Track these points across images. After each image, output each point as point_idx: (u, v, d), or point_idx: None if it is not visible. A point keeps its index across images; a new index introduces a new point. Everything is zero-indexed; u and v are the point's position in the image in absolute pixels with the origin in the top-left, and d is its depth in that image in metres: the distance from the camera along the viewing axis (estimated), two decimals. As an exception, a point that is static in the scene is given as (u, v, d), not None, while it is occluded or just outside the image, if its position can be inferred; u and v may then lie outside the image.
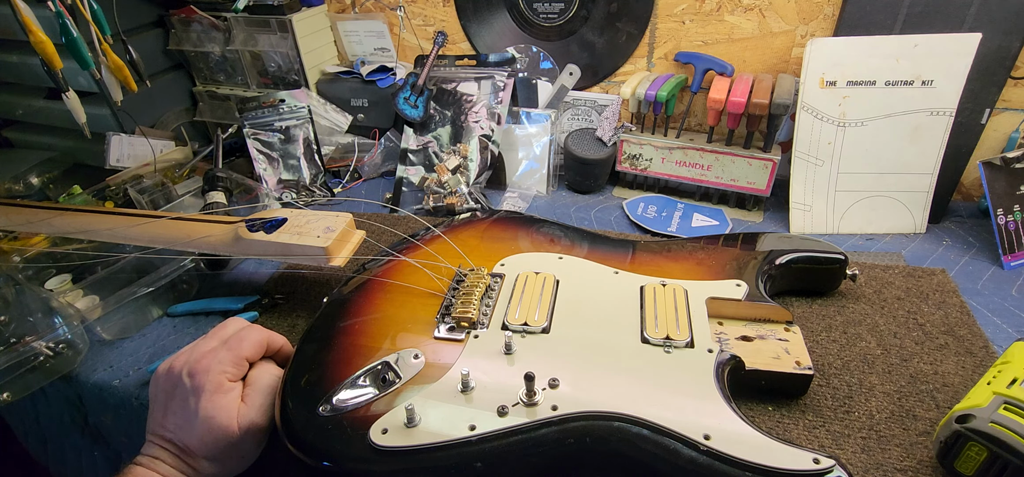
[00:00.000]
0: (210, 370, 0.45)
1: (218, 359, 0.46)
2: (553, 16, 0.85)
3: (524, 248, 0.61)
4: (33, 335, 0.58)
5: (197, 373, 0.45)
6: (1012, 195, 0.66)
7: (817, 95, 0.69)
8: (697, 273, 0.56)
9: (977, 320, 0.56)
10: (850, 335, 0.55)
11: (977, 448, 0.39)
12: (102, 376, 0.58)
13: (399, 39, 0.96)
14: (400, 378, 0.45)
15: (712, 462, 0.37)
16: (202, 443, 0.43)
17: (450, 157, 0.82)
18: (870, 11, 0.68)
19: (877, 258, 0.67)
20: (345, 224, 0.58)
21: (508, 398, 0.42)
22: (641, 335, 0.48)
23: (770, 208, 0.79)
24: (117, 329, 0.62)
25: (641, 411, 0.41)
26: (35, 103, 0.91)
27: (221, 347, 0.47)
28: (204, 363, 0.45)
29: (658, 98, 0.75)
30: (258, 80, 0.97)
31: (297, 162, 0.88)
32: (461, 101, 0.85)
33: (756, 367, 0.47)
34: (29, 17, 0.65)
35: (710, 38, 0.79)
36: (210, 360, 0.45)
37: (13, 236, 0.72)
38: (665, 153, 0.80)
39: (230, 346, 0.47)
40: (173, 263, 0.65)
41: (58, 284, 0.65)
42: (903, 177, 0.70)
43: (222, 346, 0.47)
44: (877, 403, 0.48)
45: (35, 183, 0.89)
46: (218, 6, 0.90)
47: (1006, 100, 0.71)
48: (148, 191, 0.81)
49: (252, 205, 0.83)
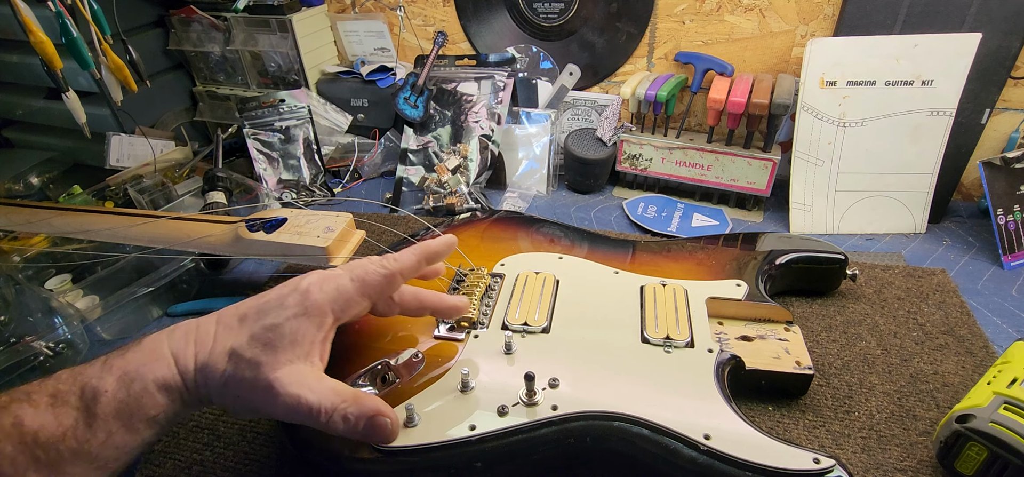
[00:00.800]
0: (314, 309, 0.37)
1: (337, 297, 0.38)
2: (553, 16, 0.85)
3: (524, 248, 0.61)
4: (33, 335, 0.58)
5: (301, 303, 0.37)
6: (1012, 195, 0.66)
7: (817, 95, 0.69)
8: (697, 273, 0.56)
9: (977, 320, 0.56)
10: (850, 335, 0.55)
11: (977, 448, 0.39)
12: (102, 376, 0.58)
13: (399, 39, 0.96)
14: (400, 378, 0.45)
15: (712, 462, 0.37)
16: (238, 402, 0.36)
17: (450, 157, 0.82)
18: (870, 11, 0.68)
19: (877, 258, 0.67)
20: (345, 224, 0.58)
21: (508, 398, 0.42)
22: (641, 335, 0.48)
23: (770, 208, 0.79)
24: (117, 329, 0.62)
25: (641, 411, 0.41)
26: (35, 103, 0.91)
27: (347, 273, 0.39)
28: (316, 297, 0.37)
29: (658, 98, 0.75)
30: (258, 80, 0.97)
31: (297, 162, 0.88)
32: (461, 101, 0.85)
33: (756, 367, 0.47)
34: (29, 17, 0.65)
35: (710, 38, 0.79)
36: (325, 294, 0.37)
37: (13, 236, 0.72)
38: (665, 153, 0.80)
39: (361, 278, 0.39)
40: (173, 263, 0.65)
41: (58, 284, 0.65)
42: (903, 177, 0.70)
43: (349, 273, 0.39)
44: (877, 403, 0.48)
45: (35, 183, 0.89)
46: (218, 6, 0.90)
47: (1006, 100, 0.71)
48: (148, 191, 0.81)
49: (252, 205, 0.83)
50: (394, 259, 0.41)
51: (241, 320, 0.37)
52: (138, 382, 0.34)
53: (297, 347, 0.36)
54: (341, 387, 0.36)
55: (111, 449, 0.33)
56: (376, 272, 0.40)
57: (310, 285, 0.38)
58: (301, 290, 0.37)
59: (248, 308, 0.37)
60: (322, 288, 0.38)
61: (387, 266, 0.40)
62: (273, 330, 0.36)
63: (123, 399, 0.33)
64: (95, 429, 0.32)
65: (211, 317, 0.38)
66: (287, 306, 0.37)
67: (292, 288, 0.38)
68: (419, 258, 0.42)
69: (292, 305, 0.37)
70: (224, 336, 0.36)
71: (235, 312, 0.37)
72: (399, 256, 0.41)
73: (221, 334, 0.36)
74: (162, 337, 0.36)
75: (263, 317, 0.36)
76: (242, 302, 0.38)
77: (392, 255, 0.41)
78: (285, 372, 0.35)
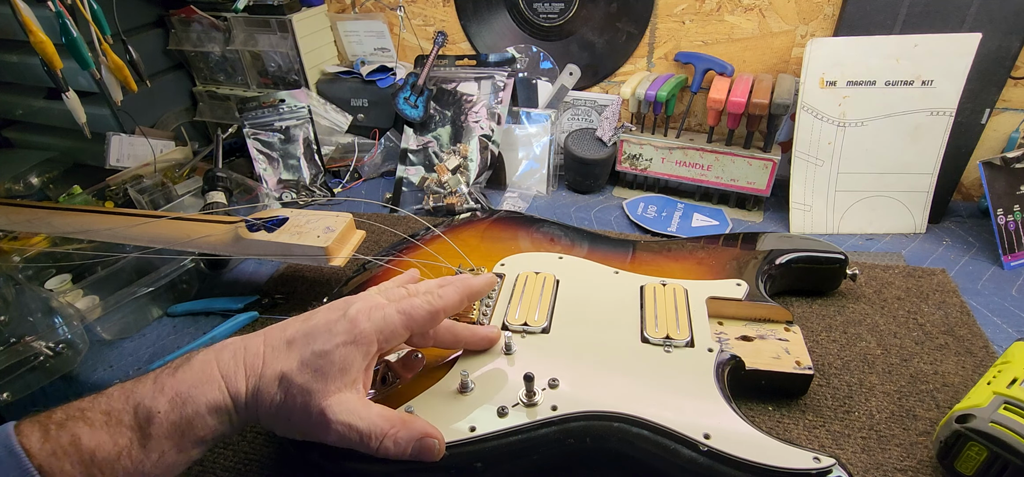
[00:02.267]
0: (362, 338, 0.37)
1: (384, 327, 0.38)
2: (553, 16, 0.85)
3: (524, 248, 0.61)
4: (33, 335, 0.58)
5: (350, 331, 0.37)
6: (1012, 195, 0.66)
7: (817, 95, 0.69)
8: (697, 273, 0.56)
9: (977, 320, 0.56)
10: (850, 335, 0.55)
11: (977, 448, 0.39)
12: (102, 376, 0.58)
13: (399, 39, 0.96)
14: (400, 378, 0.45)
15: (712, 462, 0.37)
16: (288, 427, 0.36)
17: (450, 157, 0.82)
18: (870, 11, 0.68)
19: (877, 258, 0.67)
20: (345, 224, 0.58)
21: (508, 398, 0.42)
22: (641, 335, 0.48)
23: (770, 208, 0.79)
24: (117, 329, 0.62)
25: (641, 411, 0.41)
26: (35, 103, 0.92)
27: (394, 306, 0.39)
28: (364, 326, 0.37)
29: (658, 98, 0.75)
30: (258, 80, 0.97)
31: (297, 162, 0.88)
32: (461, 101, 0.85)
33: (756, 367, 0.47)
34: (29, 17, 0.65)
35: (710, 38, 0.79)
36: (373, 324, 0.37)
37: (13, 236, 0.72)
38: (665, 153, 0.80)
39: (407, 312, 0.39)
40: (173, 263, 0.65)
41: (58, 284, 0.65)
42: (903, 177, 0.70)
43: (396, 306, 0.39)
44: (877, 403, 0.48)
45: (35, 183, 0.89)
46: (218, 6, 0.90)
47: (1006, 100, 0.71)
48: (148, 191, 0.81)
49: (252, 205, 0.82)
50: (439, 296, 0.41)
51: (289, 344, 0.37)
52: (190, 404, 0.34)
53: (346, 375, 0.36)
54: (388, 412, 0.37)
55: (162, 468, 0.33)
56: (422, 308, 0.40)
57: (358, 313, 0.38)
58: (349, 317, 0.37)
59: (296, 331, 0.37)
60: (370, 317, 0.38)
61: (433, 304, 0.40)
62: (323, 357, 0.36)
63: (175, 421, 0.33)
64: (149, 449, 0.33)
65: (258, 337, 0.38)
66: (335, 333, 0.37)
67: (339, 313, 0.38)
68: (462, 297, 0.42)
69: (341, 332, 0.37)
70: (273, 359, 0.36)
71: (282, 334, 0.38)
72: (444, 293, 0.41)
73: (270, 357, 0.36)
74: (211, 357, 0.36)
75: (312, 342, 0.36)
76: (288, 322, 0.39)
77: (437, 291, 0.41)
78: (336, 400, 0.35)
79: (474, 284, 0.44)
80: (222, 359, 0.36)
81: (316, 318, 0.38)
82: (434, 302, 0.40)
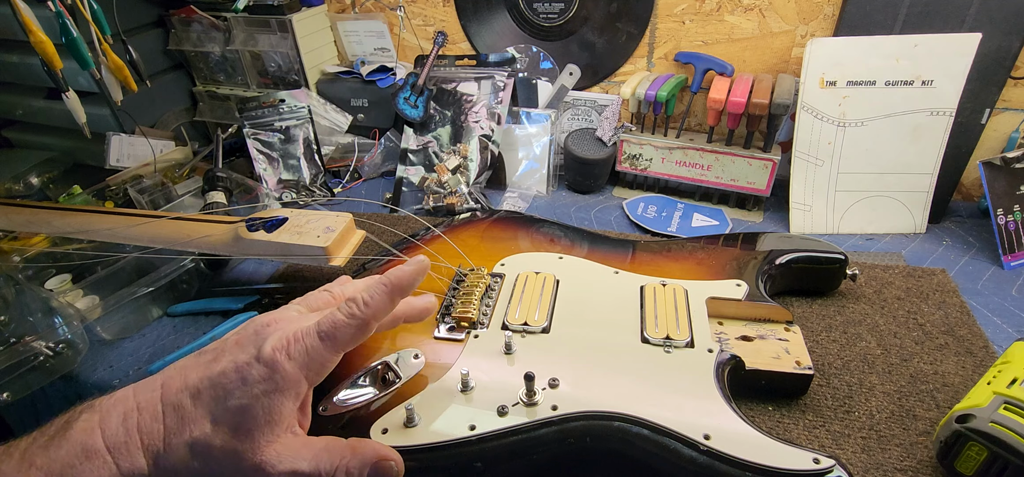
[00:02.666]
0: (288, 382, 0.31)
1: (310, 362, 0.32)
2: (553, 16, 0.85)
3: (524, 248, 0.61)
4: (33, 335, 0.58)
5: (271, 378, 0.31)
6: (1012, 195, 0.66)
7: (817, 95, 0.69)
8: (697, 273, 0.56)
9: (977, 320, 0.56)
10: (850, 335, 0.55)
11: (977, 448, 0.39)
12: (102, 376, 0.58)
13: (399, 39, 0.96)
14: (400, 378, 0.45)
15: (712, 462, 0.37)
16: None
17: (450, 157, 0.82)
18: (870, 11, 0.68)
19: (877, 258, 0.67)
20: (345, 224, 0.58)
21: (508, 398, 0.42)
22: (641, 335, 0.48)
23: (770, 208, 0.79)
24: (117, 329, 0.62)
25: (641, 411, 0.41)
26: (35, 103, 0.92)
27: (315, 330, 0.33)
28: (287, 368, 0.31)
29: (658, 98, 0.75)
30: (258, 80, 0.97)
31: (297, 162, 0.88)
32: (461, 101, 0.85)
33: (756, 367, 0.47)
34: (29, 17, 0.65)
35: (710, 38, 0.79)
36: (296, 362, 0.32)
37: (13, 236, 0.72)
38: (665, 153, 0.80)
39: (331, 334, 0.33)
40: (173, 263, 0.65)
41: (58, 284, 0.65)
42: (903, 177, 0.70)
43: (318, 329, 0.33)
44: (877, 403, 0.48)
45: (35, 183, 0.89)
46: (218, 6, 0.90)
47: (1006, 100, 0.71)
48: (148, 191, 0.81)
49: (252, 205, 0.83)
50: (364, 303, 0.34)
51: (195, 397, 0.31)
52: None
53: (276, 425, 0.31)
54: (333, 444, 0.33)
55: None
56: (346, 325, 0.33)
57: (274, 353, 0.31)
58: (266, 361, 0.31)
59: (199, 381, 0.31)
60: (290, 354, 0.32)
61: (357, 315, 0.33)
62: (242, 413, 0.30)
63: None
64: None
65: (152, 390, 0.31)
66: (251, 381, 0.31)
67: (252, 352, 0.31)
68: (391, 295, 0.35)
69: (258, 380, 0.31)
70: (177, 424, 0.30)
71: (182, 386, 0.31)
72: (369, 298, 0.34)
73: (173, 421, 0.30)
74: (94, 424, 0.30)
75: (225, 397, 0.30)
76: (187, 363, 0.32)
77: (360, 295, 0.34)
78: (270, 452, 0.31)
79: (401, 277, 0.35)
80: (108, 427, 0.30)
81: (223, 361, 0.32)
82: (359, 312, 0.33)
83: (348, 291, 0.37)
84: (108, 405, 0.31)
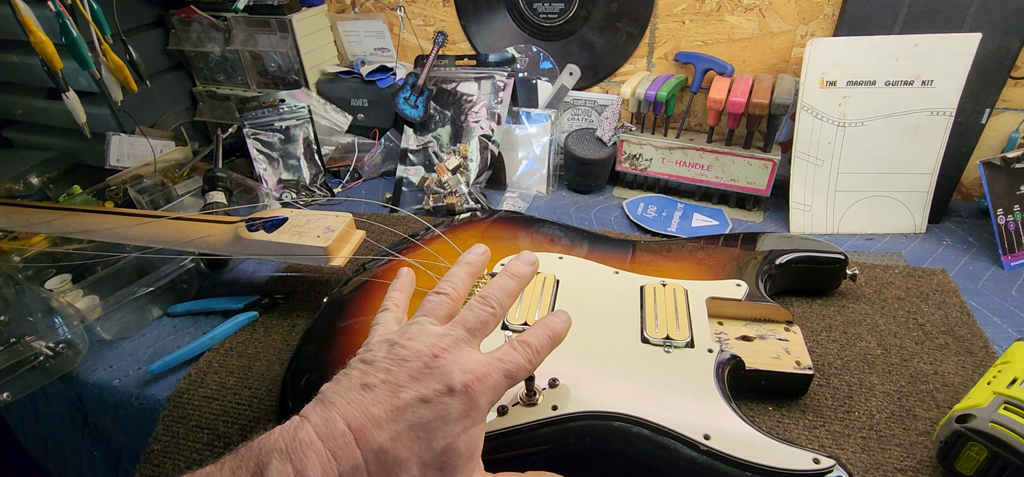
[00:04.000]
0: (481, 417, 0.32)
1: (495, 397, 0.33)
2: (553, 16, 0.85)
3: (524, 248, 0.61)
4: (33, 335, 0.58)
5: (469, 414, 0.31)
6: (1012, 195, 0.66)
7: (817, 95, 0.69)
8: (697, 273, 0.56)
9: (977, 320, 0.56)
10: (850, 335, 0.55)
11: (977, 448, 0.39)
12: (102, 376, 0.58)
13: (399, 39, 0.96)
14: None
15: (712, 462, 0.37)
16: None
17: (450, 157, 0.82)
18: (870, 11, 0.68)
19: (877, 258, 0.67)
20: (345, 224, 0.58)
21: (508, 398, 0.42)
22: (641, 335, 0.48)
23: (770, 208, 0.79)
24: (117, 329, 0.62)
25: (641, 411, 0.41)
26: (35, 103, 0.92)
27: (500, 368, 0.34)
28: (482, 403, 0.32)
29: (658, 98, 0.75)
30: (258, 80, 0.97)
31: (297, 162, 0.88)
32: (461, 101, 0.85)
33: (756, 367, 0.47)
34: (29, 17, 0.65)
35: (710, 38, 0.79)
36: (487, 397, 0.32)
37: (13, 236, 0.72)
38: (665, 153, 0.80)
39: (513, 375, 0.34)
40: (173, 263, 0.65)
41: (58, 284, 0.65)
42: (903, 177, 0.70)
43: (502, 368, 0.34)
44: (877, 403, 0.48)
45: (35, 183, 0.89)
46: (218, 6, 0.90)
47: (1006, 100, 0.71)
48: (148, 191, 0.81)
49: (252, 205, 0.83)
50: (536, 351, 0.36)
51: (395, 441, 0.29)
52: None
53: (473, 458, 0.32)
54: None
55: None
56: (524, 367, 0.35)
57: (468, 387, 0.31)
58: (461, 395, 0.31)
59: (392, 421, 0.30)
60: (482, 390, 0.32)
61: (532, 361, 0.35)
62: (449, 452, 0.30)
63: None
64: None
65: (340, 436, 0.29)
66: (452, 418, 0.31)
67: (442, 387, 0.31)
68: (552, 346, 0.37)
69: (459, 417, 0.31)
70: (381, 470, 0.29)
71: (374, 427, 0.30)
72: (539, 347, 0.36)
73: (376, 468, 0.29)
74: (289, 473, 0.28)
75: (429, 438, 0.30)
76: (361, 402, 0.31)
77: (533, 345, 0.36)
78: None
79: (560, 330, 0.38)
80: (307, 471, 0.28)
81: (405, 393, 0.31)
82: (532, 358, 0.35)
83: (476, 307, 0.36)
84: (299, 452, 0.28)
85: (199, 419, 0.52)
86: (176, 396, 0.54)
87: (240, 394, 0.53)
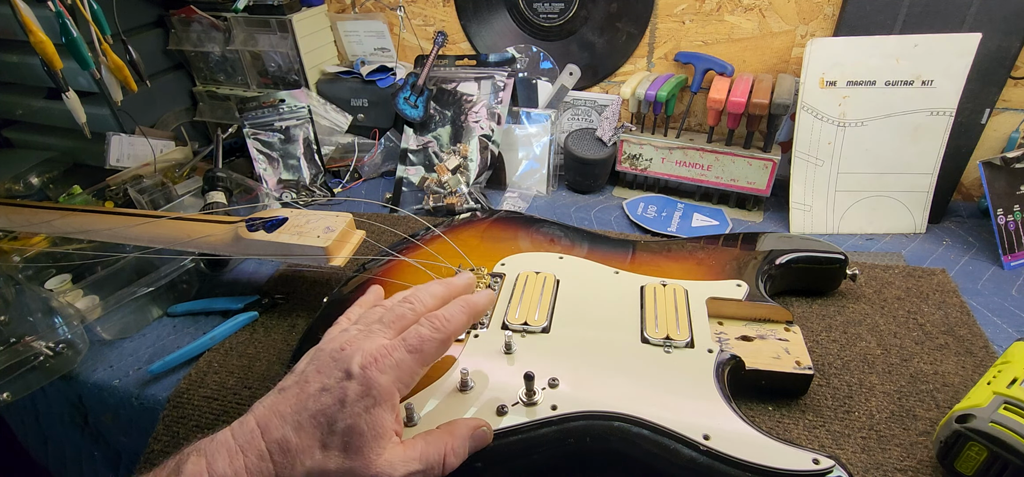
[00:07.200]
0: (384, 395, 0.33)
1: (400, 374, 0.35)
2: (553, 16, 0.85)
3: (524, 248, 0.61)
4: (33, 335, 0.58)
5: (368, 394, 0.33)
6: (1012, 195, 0.66)
7: (817, 95, 0.69)
8: (697, 273, 0.56)
9: (977, 320, 0.56)
10: (850, 335, 0.55)
11: (977, 448, 0.39)
12: (102, 376, 0.58)
13: (399, 39, 0.96)
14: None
15: (712, 462, 0.37)
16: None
17: (450, 157, 0.82)
18: (870, 11, 0.68)
19: (877, 258, 0.67)
20: (345, 224, 0.58)
21: (508, 398, 0.42)
22: (641, 335, 0.48)
23: (770, 208, 0.79)
24: (117, 329, 0.62)
25: (641, 411, 0.41)
26: (35, 103, 0.91)
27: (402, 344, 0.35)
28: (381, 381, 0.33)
29: (658, 98, 0.75)
30: (258, 80, 0.97)
31: (297, 162, 0.88)
32: (461, 101, 0.85)
33: (756, 367, 0.47)
34: (29, 17, 0.65)
35: (710, 38, 0.79)
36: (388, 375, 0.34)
37: (13, 236, 0.72)
38: (665, 153, 0.80)
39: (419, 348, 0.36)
40: (173, 263, 0.65)
41: (58, 284, 0.65)
42: (903, 177, 0.70)
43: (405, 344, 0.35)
44: (877, 403, 0.48)
45: (35, 183, 0.89)
46: (218, 6, 0.90)
47: (1006, 100, 0.71)
48: (148, 191, 0.81)
49: (252, 205, 0.83)
50: (446, 320, 0.37)
51: (298, 431, 0.32)
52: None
53: (382, 438, 0.33)
54: (431, 435, 0.36)
55: None
56: (432, 339, 0.36)
57: (365, 368, 0.33)
58: (358, 377, 0.33)
59: (296, 414, 0.33)
60: (381, 369, 0.34)
61: (440, 331, 0.37)
62: (350, 433, 0.32)
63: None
64: None
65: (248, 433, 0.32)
66: (350, 401, 0.33)
67: (341, 374, 0.33)
68: (468, 318, 0.39)
69: (356, 398, 0.33)
70: (286, 459, 0.32)
71: (280, 423, 0.32)
72: (450, 318, 0.37)
73: (281, 457, 0.32)
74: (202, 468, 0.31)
75: (329, 423, 0.32)
76: (272, 404, 0.34)
77: (441, 315, 0.37)
78: (383, 463, 0.33)
79: (478, 303, 0.40)
80: (216, 470, 0.31)
81: (310, 389, 0.33)
82: (442, 328, 0.37)
83: (417, 305, 0.39)
84: (212, 449, 0.32)
85: (199, 419, 0.52)
86: (176, 396, 0.54)
87: (240, 394, 0.53)
